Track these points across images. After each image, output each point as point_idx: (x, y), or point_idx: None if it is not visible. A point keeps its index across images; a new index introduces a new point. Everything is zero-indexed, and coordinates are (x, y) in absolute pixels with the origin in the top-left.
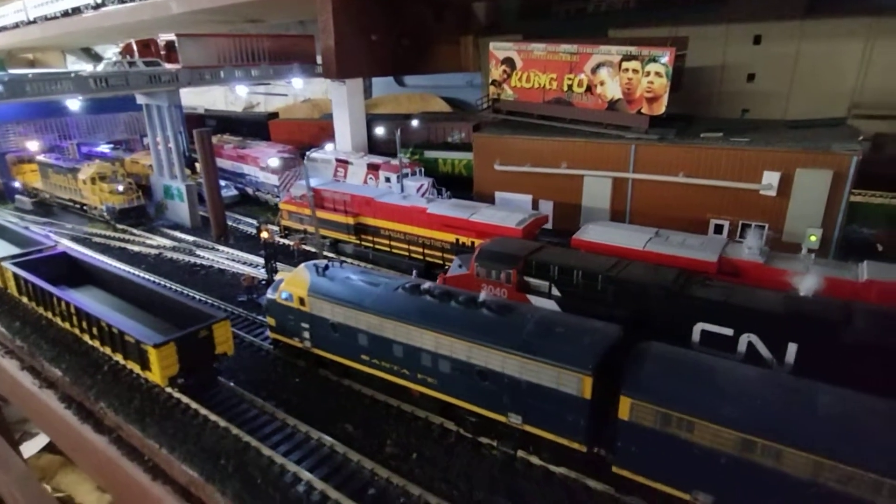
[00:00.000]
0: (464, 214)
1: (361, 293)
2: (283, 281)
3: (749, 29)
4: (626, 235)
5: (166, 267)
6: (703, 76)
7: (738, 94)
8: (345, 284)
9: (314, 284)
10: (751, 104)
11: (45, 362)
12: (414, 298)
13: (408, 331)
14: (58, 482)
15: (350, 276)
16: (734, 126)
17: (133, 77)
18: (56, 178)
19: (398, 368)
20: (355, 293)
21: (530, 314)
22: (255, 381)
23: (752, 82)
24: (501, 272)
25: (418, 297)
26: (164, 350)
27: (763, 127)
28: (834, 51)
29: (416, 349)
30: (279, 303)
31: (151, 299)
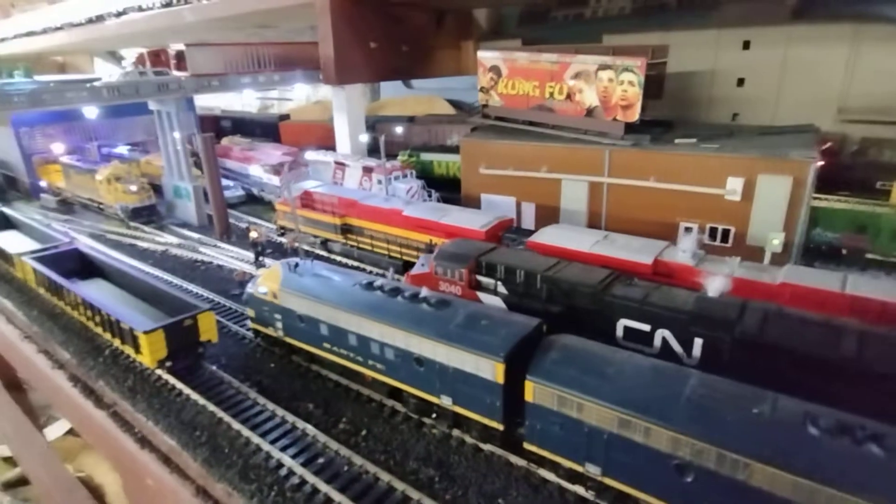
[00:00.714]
0: (435, 216)
1: (323, 288)
2: (261, 276)
3: (739, 34)
4: (576, 238)
5: (170, 263)
6: (694, 81)
7: (729, 99)
8: (311, 280)
9: (285, 280)
10: (741, 109)
11: (57, 346)
12: (367, 293)
13: (360, 322)
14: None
15: (317, 273)
16: (711, 132)
17: (143, 86)
18: (77, 178)
19: (353, 355)
20: (318, 288)
21: (463, 309)
22: (236, 365)
23: (741, 87)
24: (455, 271)
25: (371, 292)
26: (153, 336)
27: (738, 133)
28: (820, 56)
29: (366, 338)
30: (257, 296)
31: (148, 291)
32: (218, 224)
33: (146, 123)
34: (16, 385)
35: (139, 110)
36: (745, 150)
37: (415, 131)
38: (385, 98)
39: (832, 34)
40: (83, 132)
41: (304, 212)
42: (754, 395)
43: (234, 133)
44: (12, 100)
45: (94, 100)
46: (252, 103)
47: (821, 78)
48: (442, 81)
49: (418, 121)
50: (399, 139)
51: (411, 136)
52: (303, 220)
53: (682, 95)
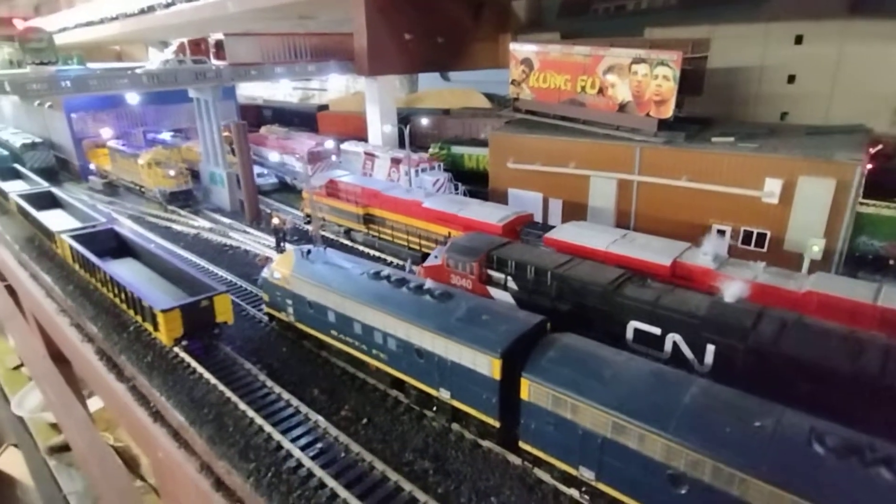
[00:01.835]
0: (453, 209)
1: (333, 276)
2: (275, 262)
3: (790, 28)
4: (594, 236)
5: (201, 246)
6: (740, 77)
7: (778, 97)
8: (322, 267)
9: (297, 266)
10: (790, 107)
11: (87, 321)
12: (374, 283)
13: (365, 311)
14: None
15: (328, 260)
16: (751, 131)
17: (181, 74)
18: (122, 162)
19: (358, 344)
20: (327, 275)
21: (466, 302)
22: (250, 348)
23: (792, 84)
24: (466, 264)
25: (377, 281)
26: (170, 315)
27: (780, 132)
28: (878, 53)
29: (371, 328)
30: (271, 281)
31: (173, 272)
32: (248, 210)
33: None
34: (60, 356)
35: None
36: (785, 149)
37: (449, 124)
38: (423, 90)
39: (892, 30)
40: (131, 118)
41: (329, 200)
42: (759, 408)
43: (274, 122)
44: (60, 85)
45: (134, 86)
46: (293, 93)
47: (878, 76)
48: (480, 74)
49: (453, 114)
50: (433, 132)
51: (445, 128)
52: (327, 208)
53: (727, 92)
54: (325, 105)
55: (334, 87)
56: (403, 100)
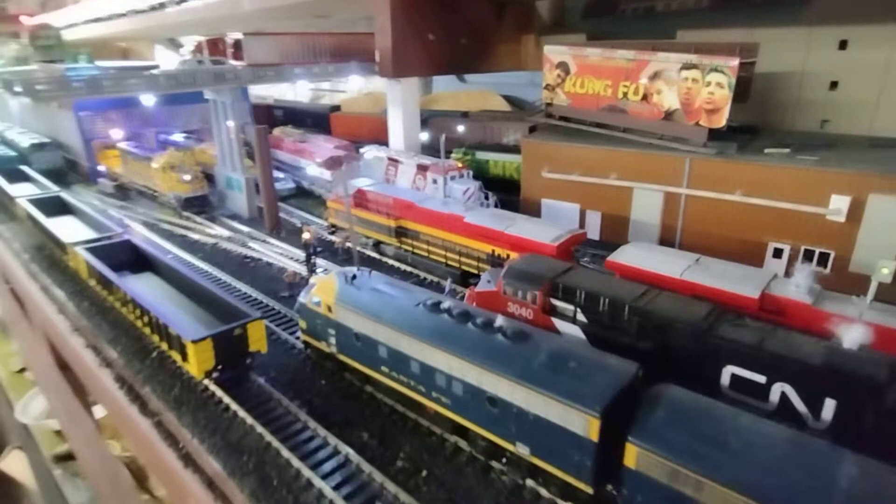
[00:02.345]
0: (500, 226)
1: (383, 306)
2: (315, 286)
3: (834, 33)
4: (664, 261)
5: (220, 257)
6: (779, 82)
7: (818, 103)
8: (370, 295)
9: (341, 293)
10: (832, 114)
11: (105, 343)
12: (433, 316)
13: (424, 349)
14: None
15: (376, 287)
16: (806, 141)
17: (200, 75)
18: (134, 164)
19: (414, 384)
20: (378, 306)
21: (545, 344)
22: (285, 380)
23: (834, 90)
24: (528, 292)
25: (437, 315)
26: (202, 345)
27: (839, 143)
28: None
29: (431, 368)
30: (310, 307)
31: (197, 291)
32: (268, 218)
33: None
34: (66, 364)
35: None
36: (851, 163)
37: (469, 128)
38: (437, 92)
39: None
40: (142, 118)
41: (356, 211)
42: None
43: (286, 123)
44: (72, 86)
45: (151, 88)
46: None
47: None
48: (496, 76)
49: (473, 117)
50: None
51: (466, 132)
52: (354, 219)
53: (765, 98)
54: (338, 106)
55: (353, 88)
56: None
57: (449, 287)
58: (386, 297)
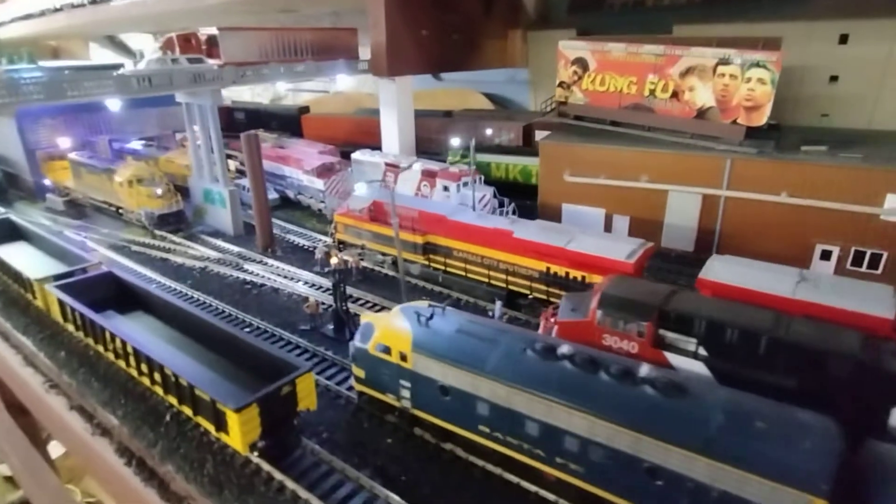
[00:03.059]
0: (558, 241)
1: (480, 353)
2: (377, 329)
3: (835, 27)
4: (767, 277)
5: (214, 283)
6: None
7: (818, 98)
8: (457, 340)
9: (419, 338)
10: (831, 109)
11: (98, 404)
12: (549, 365)
13: (547, 406)
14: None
15: (461, 327)
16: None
17: (177, 76)
18: (90, 178)
19: (529, 447)
20: (473, 353)
21: (711, 398)
22: (342, 440)
23: (834, 85)
24: (633, 323)
25: (554, 363)
26: (247, 413)
27: (874, 140)
28: None
29: (557, 429)
30: (373, 355)
31: (211, 334)
32: (261, 236)
33: (160, 116)
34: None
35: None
36: None
37: (458, 128)
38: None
39: None
40: (89, 125)
41: (372, 226)
42: None
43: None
44: (26, 90)
45: (121, 91)
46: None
47: None
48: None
49: (457, 116)
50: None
51: (453, 132)
52: (368, 234)
53: None
54: (306, 107)
55: (312, 87)
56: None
57: (499, 311)
58: (480, 342)
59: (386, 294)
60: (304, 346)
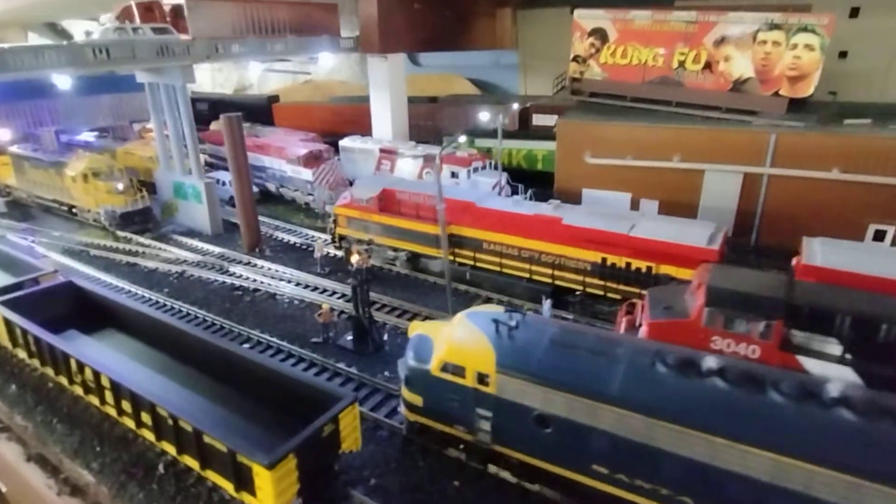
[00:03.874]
0: (618, 227)
1: (596, 372)
2: (437, 343)
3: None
4: (884, 261)
5: (197, 291)
6: None
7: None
8: (557, 355)
9: (505, 355)
10: (839, 85)
11: (64, 455)
12: (693, 384)
13: (707, 443)
14: None
15: (556, 338)
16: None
17: (141, 47)
18: (35, 173)
19: (671, 494)
20: (585, 372)
21: None
22: (395, 486)
23: (843, 60)
24: (754, 323)
25: (699, 381)
26: (282, 468)
27: None
28: None
29: (720, 472)
30: (437, 377)
31: (216, 359)
32: (247, 234)
33: (113, 104)
34: None
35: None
36: None
37: (446, 113)
38: None
39: None
40: (32, 115)
41: (383, 217)
42: None
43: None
44: None
45: (74, 63)
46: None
47: None
48: (457, 58)
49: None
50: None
51: (442, 118)
52: (377, 228)
53: None
54: (276, 96)
55: (323, 67)
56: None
57: (548, 311)
58: (589, 356)
59: (406, 296)
60: (321, 363)
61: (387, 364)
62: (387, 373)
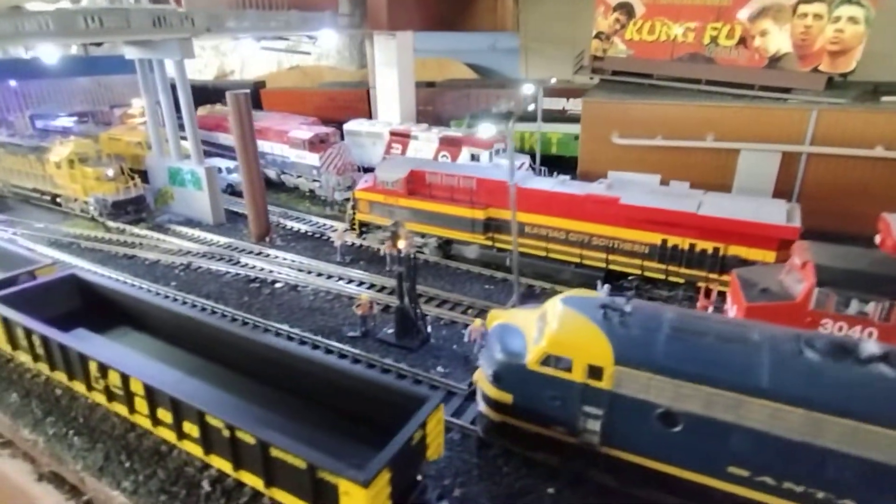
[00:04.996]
0: (685, 206)
1: (737, 362)
2: (534, 333)
3: None
4: None
5: (208, 283)
6: None
7: None
8: (685, 344)
9: (623, 345)
10: None
11: (86, 473)
12: (856, 371)
13: (887, 439)
14: None
15: (677, 325)
16: None
17: (136, 16)
18: (11, 160)
19: (829, 495)
20: (725, 362)
21: None
22: (482, 496)
23: None
24: (874, 304)
25: (862, 368)
26: (377, 484)
27: None
28: None
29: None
30: (534, 371)
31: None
32: (255, 222)
33: (88, 88)
34: None
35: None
36: None
37: (448, 98)
38: None
39: None
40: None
41: (411, 201)
42: None
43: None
44: None
45: (63, 33)
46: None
47: None
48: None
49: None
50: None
51: (443, 102)
52: (405, 212)
53: None
54: (263, 82)
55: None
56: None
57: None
58: (724, 345)
59: (439, 285)
60: (365, 358)
61: (438, 358)
62: (440, 368)
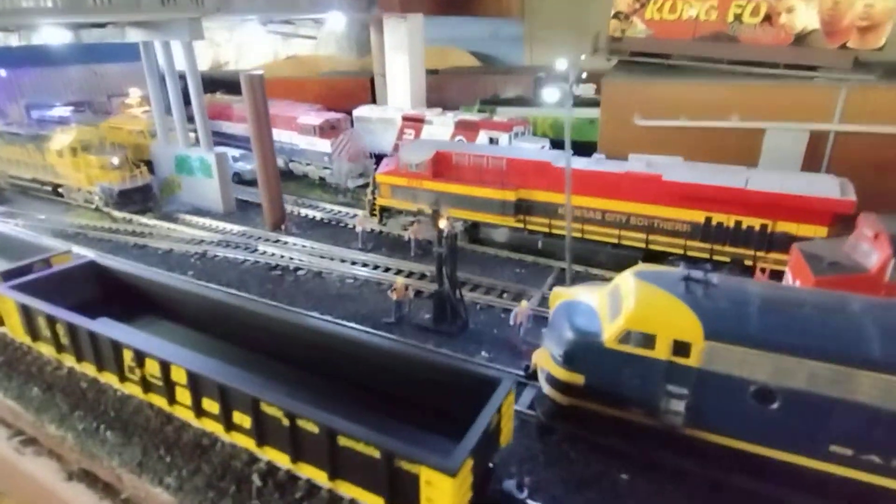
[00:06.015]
0: (732, 182)
1: (843, 334)
2: (616, 309)
3: None
4: None
5: (228, 272)
6: None
7: None
8: (783, 317)
9: (713, 319)
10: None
11: (124, 471)
12: None
13: None
14: None
15: (771, 296)
16: None
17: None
18: (9, 150)
19: None
20: (829, 335)
21: None
22: (556, 483)
23: None
24: None
25: None
26: (462, 474)
27: None
28: None
29: None
30: (612, 349)
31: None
32: (270, 210)
33: (83, 77)
34: None
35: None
36: None
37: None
38: None
39: None
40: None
41: (437, 184)
42: None
43: None
44: None
45: (70, 11)
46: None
47: None
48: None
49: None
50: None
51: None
52: (427, 196)
53: None
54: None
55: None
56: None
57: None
58: (818, 316)
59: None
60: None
61: (479, 343)
62: (483, 353)
